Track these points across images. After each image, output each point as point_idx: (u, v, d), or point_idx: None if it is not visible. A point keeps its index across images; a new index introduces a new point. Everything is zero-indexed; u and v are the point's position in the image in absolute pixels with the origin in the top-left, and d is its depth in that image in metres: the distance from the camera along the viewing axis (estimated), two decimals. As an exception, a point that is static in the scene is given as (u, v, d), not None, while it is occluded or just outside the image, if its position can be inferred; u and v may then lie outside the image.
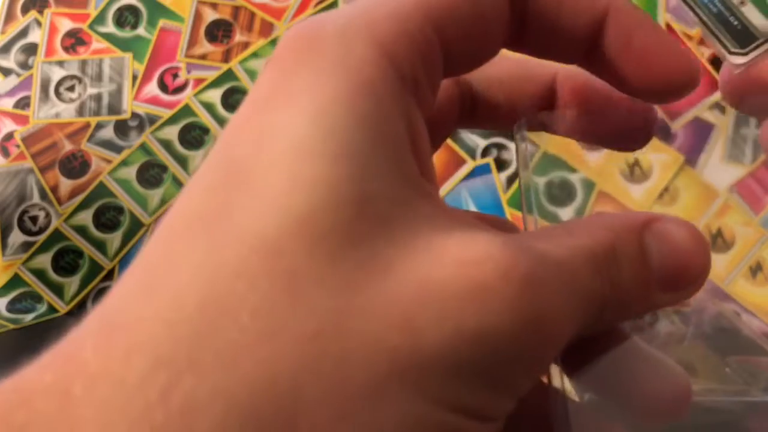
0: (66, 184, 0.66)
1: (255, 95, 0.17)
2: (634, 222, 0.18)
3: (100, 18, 0.69)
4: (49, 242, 0.65)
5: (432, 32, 0.17)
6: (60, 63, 0.69)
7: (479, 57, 0.19)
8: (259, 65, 0.67)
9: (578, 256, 0.17)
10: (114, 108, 0.67)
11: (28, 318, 0.63)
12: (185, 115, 0.66)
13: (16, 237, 0.65)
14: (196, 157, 0.66)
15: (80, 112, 0.68)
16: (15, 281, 0.65)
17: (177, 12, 0.69)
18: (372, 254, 0.15)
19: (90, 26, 0.69)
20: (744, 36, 0.23)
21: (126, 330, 0.14)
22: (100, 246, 0.65)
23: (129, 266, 0.16)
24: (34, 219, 0.66)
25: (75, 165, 0.66)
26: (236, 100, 0.66)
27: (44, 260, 0.65)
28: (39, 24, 0.70)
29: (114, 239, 0.65)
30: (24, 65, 0.69)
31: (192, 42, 0.68)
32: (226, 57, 0.67)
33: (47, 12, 0.70)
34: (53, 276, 0.65)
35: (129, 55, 0.68)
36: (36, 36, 0.70)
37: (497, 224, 0.21)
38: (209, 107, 0.66)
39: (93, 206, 0.65)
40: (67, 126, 0.67)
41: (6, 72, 0.69)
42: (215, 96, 0.67)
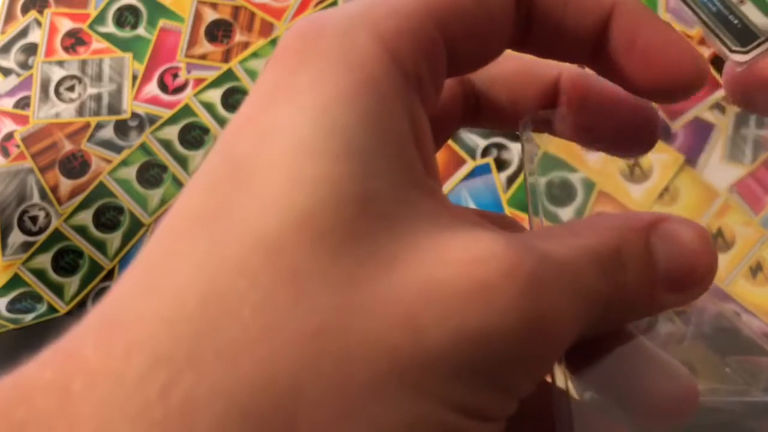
0: (66, 184, 0.66)
1: (257, 93, 0.17)
2: (640, 222, 0.18)
3: (100, 18, 0.69)
4: (49, 242, 0.65)
5: (435, 30, 0.17)
6: (60, 63, 0.69)
7: (484, 56, 0.19)
8: (259, 65, 0.67)
9: (582, 256, 0.16)
10: (114, 108, 0.67)
11: (28, 318, 0.63)
12: (185, 115, 0.66)
13: (16, 237, 0.65)
14: (196, 157, 0.66)
15: (80, 112, 0.68)
16: (15, 281, 0.65)
17: (177, 12, 0.69)
18: (374, 252, 0.15)
19: (90, 26, 0.69)
20: (745, 34, 0.23)
21: (126, 328, 0.14)
22: (100, 246, 0.65)
23: (130, 265, 0.16)
24: (34, 219, 0.66)
25: (75, 165, 0.66)
26: (236, 100, 0.66)
27: (44, 260, 0.65)
28: (39, 24, 0.70)
29: (114, 239, 0.65)
30: (24, 65, 0.69)
31: (192, 42, 0.68)
32: (226, 57, 0.67)
33: (47, 12, 0.70)
34: (53, 276, 0.65)
35: (129, 55, 0.68)
36: (36, 36, 0.70)
37: (499, 221, 0.21)
38: (209, 107, 0.66)
39: (93, 206, 0.65)
40: (67, 126, 0.67)
41: (6, 72, 0.69)
42: (215, 96, 0.66)
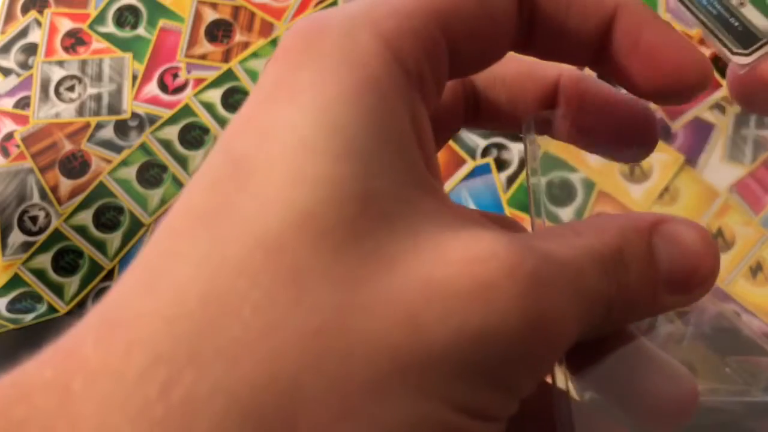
0: (66, 184, 0.66)
1: (257, 93, 0.17)
2: (642, 223, 0.18)
3: (100, 18, 0.69)
4: (49, 242, 0.65)
5: (437, 30, 0.17)
6: (60, 63, 0.69)
7: (486, 58, 0.19)
8: (259, 65, 0.67)
9: (584, 257, 0.16)
10: (114, 108, 0.67)
11: (28, 318, 0.63)
12: (185, 115, 0.66)
13: (16, 237, 0.65)
14: (196, 157, 0.66)
15: (80, 112, 0.67)
16: (15, 281, 0.65)
17: (177, 12, 0.69)
18: (376, 251, 0.15)
19: (90, 26, 0.69)
20: (746, 37, 0.23)
21: (126, 326, 0.14)
22: (100, 246, 0.65)
23: (130, 264, 0.15)
24: (34, 219, 0.66)
25: (75, 165, 0.66)
26: (236, 100, 0.66)
27: (44, 260, 0.65)
28: (39, 24, 0.70)
29: (114, 239, 0.65)
30: (24, 65, 0.69)
31: (192, 42, 0.68)
32: (226, 57, 0.67)
33: (47, 12, 0.70)
34: (53, 276, 0.65)
35: (129, 55, 0.68)
36: (36, 36, 0.70)
37: (501, 222, 0.21)
38: (209, 107, 0.66)
39: (93, 206, 0.65)
40: (67, 126, 0.67)
41: (6, 72, 0.69)
42: (215, 96, 0.66)
